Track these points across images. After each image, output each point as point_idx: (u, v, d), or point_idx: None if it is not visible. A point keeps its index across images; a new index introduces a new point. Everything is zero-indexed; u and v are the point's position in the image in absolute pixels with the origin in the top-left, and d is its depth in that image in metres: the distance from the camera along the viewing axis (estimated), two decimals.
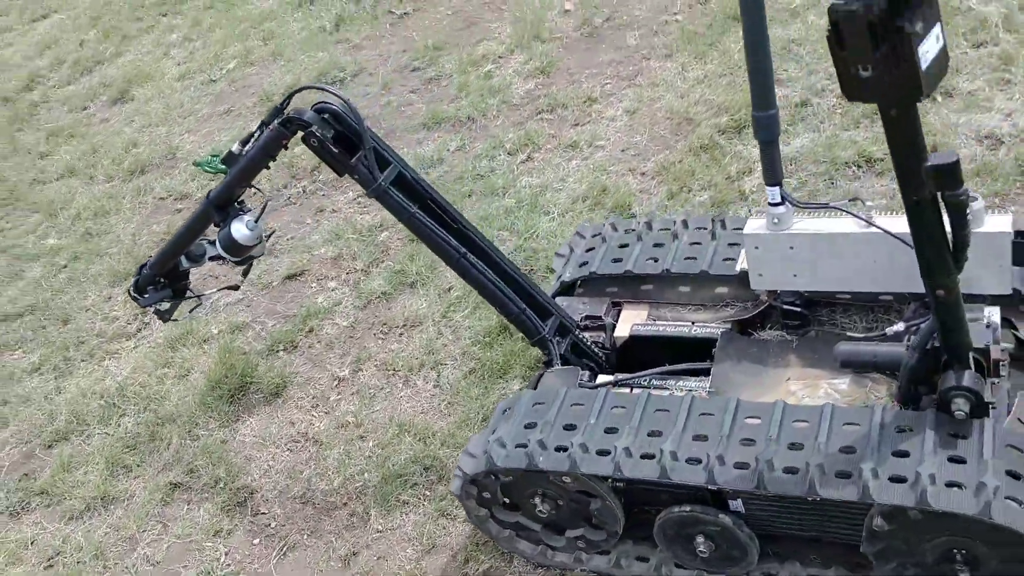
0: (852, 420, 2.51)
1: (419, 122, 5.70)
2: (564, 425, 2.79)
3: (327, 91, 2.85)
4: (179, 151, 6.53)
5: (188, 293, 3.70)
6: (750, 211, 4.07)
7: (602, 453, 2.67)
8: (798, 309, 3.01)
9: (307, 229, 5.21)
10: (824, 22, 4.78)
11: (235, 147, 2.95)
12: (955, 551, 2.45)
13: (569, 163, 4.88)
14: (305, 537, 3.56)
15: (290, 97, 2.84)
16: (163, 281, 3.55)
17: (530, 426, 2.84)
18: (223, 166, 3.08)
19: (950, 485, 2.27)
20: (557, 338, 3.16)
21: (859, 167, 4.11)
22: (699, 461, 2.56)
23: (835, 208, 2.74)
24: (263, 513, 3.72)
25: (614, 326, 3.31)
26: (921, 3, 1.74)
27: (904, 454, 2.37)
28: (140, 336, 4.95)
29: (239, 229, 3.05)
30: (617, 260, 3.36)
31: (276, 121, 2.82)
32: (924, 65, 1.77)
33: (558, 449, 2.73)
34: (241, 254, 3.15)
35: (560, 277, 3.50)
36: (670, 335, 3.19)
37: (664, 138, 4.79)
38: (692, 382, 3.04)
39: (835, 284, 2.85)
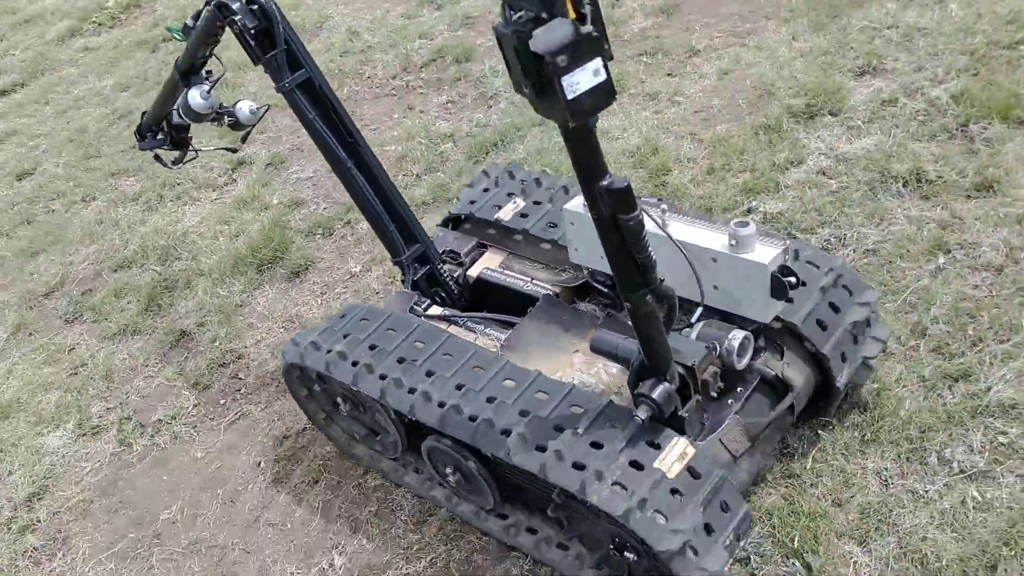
0: (583, 404, 2.62)
1: None
2: (370, 344, 3.03)
3: None
4: (328, 20, 6.85)
5: (190, 146, 3.85)
6: (748, 208, 3.90)
7: (382, 377, 2.91)
8: (605, 289, 3.08)
9: (390, 124, 5.41)
10: (962, 13, 4.34)
11: (189, 21, 3.15)
12: (621, 540, 2.55)
13: (640, 113, 4.75)
14: (259, 410, 3.89)
15: None
16: (164, 130, 3.77)
17: (345, 336, 3.09)
18: (184, 36, 3.31)
19: (615, 484, 2.38)
20: (416, 264, 3.36)
21: (906, 184, 3.77)
22: (442, 405, 2.76)
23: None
24: (239, 378, 4.09)
25: (471, 265, 3.51)
26: (575, 37, 1.76)
27: (599, 446, 2.47)
28: (224, 190, 5.40)
29: (194, 96, 3.26)
30: (497, 207, 3.51)
31: (211, 4, 2.96)
32: (571, 95, 1.80)
33: (354, 364, 2.99)
34: (198, 120, 3.37)
35: (451, 212, 3.69)
36: (506, 285, 3.36)
37: (739, 108, 4.55)
38: (498, 332, 3.21)
39: None
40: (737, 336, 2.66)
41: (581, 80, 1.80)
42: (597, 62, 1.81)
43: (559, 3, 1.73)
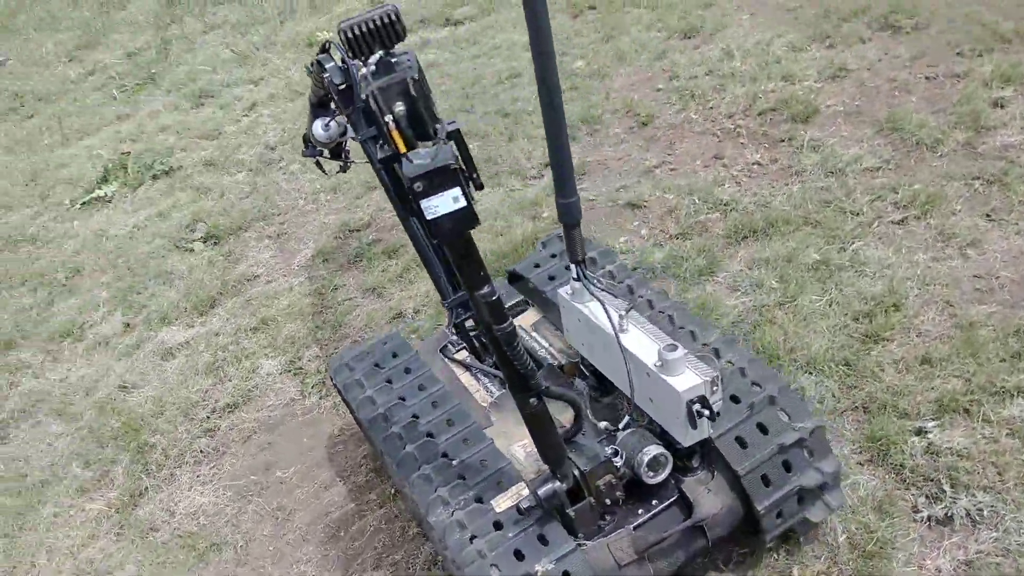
0: (507, 482, 2.88)
1: (788, 112, 4.99)
2: (386, 378, 3.54)
3: (347, 54, 3.15)
4: (722, 30, 6.58)
5: (347, 157, 4.30)
6: (920, 428, 3.20)
7: (377, 407, 3.39)
8: (587, 373, 3.14)
9: (687, 170, 5.17)
10: None
11: (310, 61, 3.55)
12: None
13: (916, 254, 4.01)
14: None
15: (326, 47, 3.35)
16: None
17: (375, 366, 3.62)
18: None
19: (493, 566, 2.63)
20: (460, 309, 3.67)
21: None
22: (405, 448, 3.16)
23: (601, 300, 2.71)
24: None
25: None
26: (432, 167, 2.08)
27: (500, 526, 2.75)
28: (528, 182, 5.63)
29: (316, 127, 3.75)
30: (552, 278, 3.69)
31: (315, 57, 3.40)
32: (430, 216, 2.12)
33: (366, 393, 3.50)
34: (324, 146, 3.87)
35: (514, 267, 3.93)
36: (525, 347, 3.48)
37: None
38: (498, 389, 3.53)
39: (599, 364, 2.96)
40: (650, 451, 2.75)
41: (440, 204, 2.10)
42: (456, 191, 2.10)
43: (393, 144, 2.12)
